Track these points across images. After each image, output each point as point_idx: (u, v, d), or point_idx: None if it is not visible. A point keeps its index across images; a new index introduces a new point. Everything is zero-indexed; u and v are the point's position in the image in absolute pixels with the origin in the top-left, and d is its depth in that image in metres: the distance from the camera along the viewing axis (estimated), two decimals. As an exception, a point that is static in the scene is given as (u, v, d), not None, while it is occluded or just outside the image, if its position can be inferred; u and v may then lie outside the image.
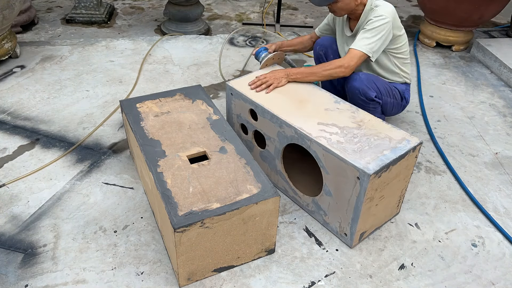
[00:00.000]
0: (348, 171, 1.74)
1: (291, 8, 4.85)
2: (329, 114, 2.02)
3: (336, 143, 1.83)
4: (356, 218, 1.80)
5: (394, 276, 1.81)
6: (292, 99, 2.14)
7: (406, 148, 1.81)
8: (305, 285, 1.76)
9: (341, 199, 1.83)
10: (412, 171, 1.95)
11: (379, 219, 1.96)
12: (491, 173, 2.41)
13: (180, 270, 1.66)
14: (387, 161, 1.74)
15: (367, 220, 1.87)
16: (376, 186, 1.75)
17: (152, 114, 2.11)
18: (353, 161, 1.72)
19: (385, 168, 1.73)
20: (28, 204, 2.07)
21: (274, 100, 2.12)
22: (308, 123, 1.95)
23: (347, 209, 1.82)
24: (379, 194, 1.81)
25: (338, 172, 1.79)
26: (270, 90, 2.17)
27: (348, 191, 1.78)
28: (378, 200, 1.83)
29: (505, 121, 2.87)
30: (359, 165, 1.70)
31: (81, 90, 2.97)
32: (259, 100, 2.11)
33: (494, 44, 3.62)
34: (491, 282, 1.81)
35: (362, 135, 1.89)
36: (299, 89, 2.23)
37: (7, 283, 1.70)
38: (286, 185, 2.14)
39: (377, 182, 1.73)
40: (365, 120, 1.98)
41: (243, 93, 2.17)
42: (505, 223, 2.10)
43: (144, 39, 3.71)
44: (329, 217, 1.95)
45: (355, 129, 1.92)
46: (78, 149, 2.44)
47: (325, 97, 2.16)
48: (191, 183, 1.71)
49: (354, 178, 1.72)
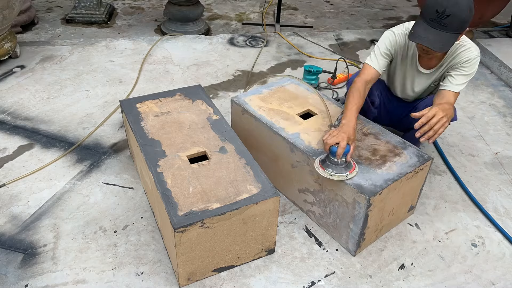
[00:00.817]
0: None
1: (291, 8, 4.85)
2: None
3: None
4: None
5: (394, 276, 1.81)
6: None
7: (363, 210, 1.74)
8: (305, 285, 1.76)
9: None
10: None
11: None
12: (491, 173, 2.41)
13: (180, 270, 1.66)
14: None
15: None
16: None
17: (152, 114, 2.11)
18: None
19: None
20: (28, 204, 2.07)
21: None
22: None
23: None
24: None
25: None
26: (438, 135, 1.79)
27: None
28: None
29: (505, 121, 2.87)
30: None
31: (81, 90, 2.97)
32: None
33: (494, 44, 3.62)
34: (491, 282, 1.81)
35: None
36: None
37: (7, 283, 1.70)
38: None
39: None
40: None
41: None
42: (505, 223, 2.10)
43: (144, 39, 3.71)
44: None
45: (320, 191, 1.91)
46: (78, 149, 2.43)
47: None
48: (191, 183, 1.71)
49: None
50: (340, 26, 4.46)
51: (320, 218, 1.97)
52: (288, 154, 1.99)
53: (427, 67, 2.10)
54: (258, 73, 3.29)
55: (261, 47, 3.66)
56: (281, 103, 2.23)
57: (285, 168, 2.06)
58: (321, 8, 4.89)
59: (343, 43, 3.85)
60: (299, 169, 1.97)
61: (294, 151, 1.94)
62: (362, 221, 1.74)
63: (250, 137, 2.21)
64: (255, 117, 2.12)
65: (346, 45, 3.82)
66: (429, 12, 1.78)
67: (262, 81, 3.13)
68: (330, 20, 4.60)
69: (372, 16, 4.75)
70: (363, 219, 1.74)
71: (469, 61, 1.96)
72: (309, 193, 1.97)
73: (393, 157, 1.88)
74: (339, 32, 4.05)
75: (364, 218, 1.73)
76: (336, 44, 3.83)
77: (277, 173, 2.13)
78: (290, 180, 2.06)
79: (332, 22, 4.55)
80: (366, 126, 2.07)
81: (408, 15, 4.79)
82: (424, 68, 2.10)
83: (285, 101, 2.25)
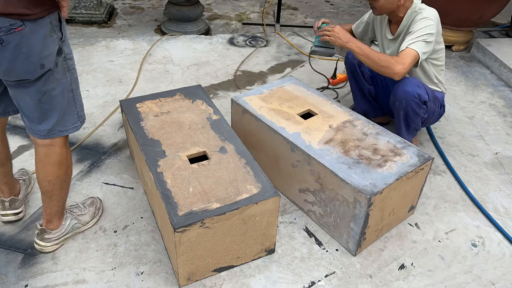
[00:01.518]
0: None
1: (291, 8, 4.85)
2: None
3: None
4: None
5: (394, 276, 1.81)
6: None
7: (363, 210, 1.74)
8: (305, 285, 1.76)
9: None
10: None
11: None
12: (491, 173, 2.41)
13: (180, 270, 1.66)
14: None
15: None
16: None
17: (152, 114, 2.11)
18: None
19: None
20: (28, 204, 2.06)
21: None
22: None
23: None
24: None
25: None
26: (324, 39, 2.29)
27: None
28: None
29: (505, 121, 2.87)
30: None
31: (81, 90, 2.97)
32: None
33: (494, 44, 3.62)
34: (491, 282, 1.81)
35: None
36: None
37: (7, 283, 1.70)
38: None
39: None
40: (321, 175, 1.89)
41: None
42: (505, 223, 2.10)
43: (144, 39, 3.71)
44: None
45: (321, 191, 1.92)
46: (78, 149, 2.43)
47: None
48: (191, 183, 1.71)
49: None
50: (340, 26, 4.45)
51: (321, 217, 1.98)
52: (289, 153, 1.99)
53: (392, 33, 2.33)
54: (258, 73, 3.29)
55: (256, 48, 3.66)
56: (282, 103, 2.23)
57: (286, 168, 2.06)
58: (321, 8, 4.89)
59: (343, 43, 3.85)
60: (299, 168, 1.97)
61: (295, 150, 1.94)
62: (362, 221, 1.74)
63: (250, 137, 2.21)
64: (256, 117, 2.12)
65: (346, 45, 3.82)
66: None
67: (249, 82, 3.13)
68: (330, 20, 4.59)
69: (372, 16, 4.75)
70: (364, 219, 1.74)
71: (415, 22, 2.13)
72: (310, 192, 1.97)
73: (393, 156, 1.89)
74: (339, 32, 4.04)
75: (365, 218, 1.73)
76: (336, 44, 3.82)
77: (277, 173, 2.13)
78: (291, 180, 2.06)
79: (332, 22, 4.54)
80: (367, 126, 2.07)
81: (408, 15, 4.79)
82: (390, 34, 2.34)
83: (286, 101, 2.25)
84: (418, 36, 2.08)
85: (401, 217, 2.02)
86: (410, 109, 2.20)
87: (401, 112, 2.22)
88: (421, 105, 2.21)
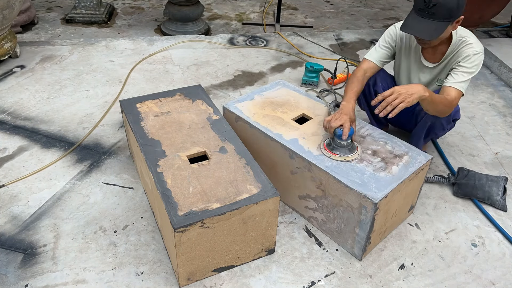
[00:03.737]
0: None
1: (291, 8, 4.85)
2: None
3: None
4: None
5: (394, 276, 1.81)
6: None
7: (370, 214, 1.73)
8: (305, 285, 1.76)
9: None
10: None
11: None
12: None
13: (180, 270, 1.66)
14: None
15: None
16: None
17: (152, 114, 2.11)
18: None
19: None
20: (28, 204, 2.07)
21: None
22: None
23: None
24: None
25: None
26: (395, 112, 1.80)
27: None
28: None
29: (505, 121, 2.87)
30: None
31: (81, 90, 2.97)
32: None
33: (494, 44, 3.62)
34: (491, 282, 1.81)
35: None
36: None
37: (7, 283, 1.70)
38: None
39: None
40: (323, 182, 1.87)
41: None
42: (505, 223, 2.10)
43: (144, 39, 3.71)
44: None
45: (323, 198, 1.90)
46: (78, 149, 2.43)
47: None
48: (191, 183, 1.71)
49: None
50: (340, 26, 4.46)
51: (323, 224, 1.96)
52: (287, 160, 1.96)
53: (431, 61, 2.13)
54: (258, 73, 3.29)
55: (252, 47, 3.67)
56: (275, 108, 2.19)
57: (284, 175, 2.03)
58: (321, 8, 4.89)
59: (343, 43, 3.85)
60: (299, 175, 1.94)
61: (294, 157, 1.92)
62: (369, 226, 1.73)
63: (245, 145, 2.15)
64: (250, 124, 2.09)
65: (346, 45, 3.82)
66: (418, 3, 1.87)
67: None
68: (330, 20, 4.60)
69: (372, 16, 4.76)
70: (370, 224, 1.72)
71: (468, 57, 1.98)
72: (311, 199, 1.95)
73: (394, 158, 1.88)
74: (339, 32, 4.05)
75: (371, 223, 1.72)
76: (336, 44, 3.83)
77: (275, 180, 2.08)
78: (290, 186, 2.04)
79: (332, 22, 4.55)
80: (364, 128, 2.06)
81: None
82: (428, 62, 2.14)
83: (279, 106, 2.21)
84: (469, 73, 1.97)
85: (402, 217, 2.02)
86: (438, 123, 2.15)
87: (428, 122, 2.14)
88: (451, 122, 2.19)
